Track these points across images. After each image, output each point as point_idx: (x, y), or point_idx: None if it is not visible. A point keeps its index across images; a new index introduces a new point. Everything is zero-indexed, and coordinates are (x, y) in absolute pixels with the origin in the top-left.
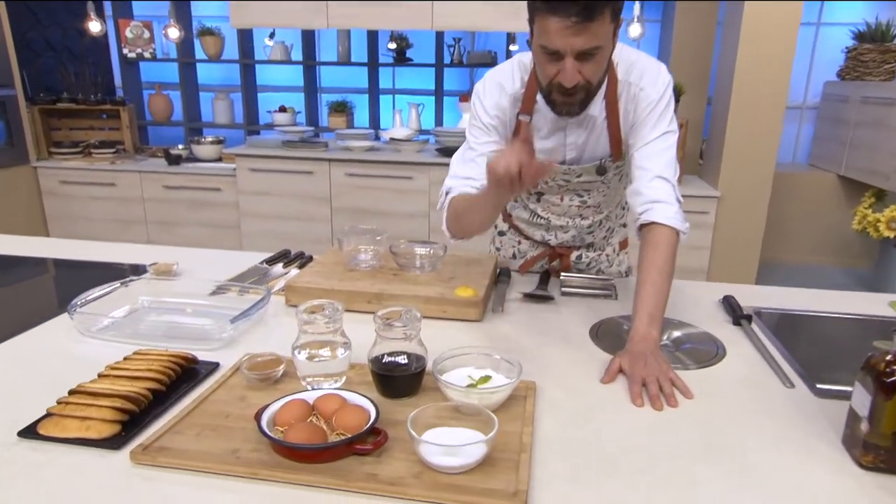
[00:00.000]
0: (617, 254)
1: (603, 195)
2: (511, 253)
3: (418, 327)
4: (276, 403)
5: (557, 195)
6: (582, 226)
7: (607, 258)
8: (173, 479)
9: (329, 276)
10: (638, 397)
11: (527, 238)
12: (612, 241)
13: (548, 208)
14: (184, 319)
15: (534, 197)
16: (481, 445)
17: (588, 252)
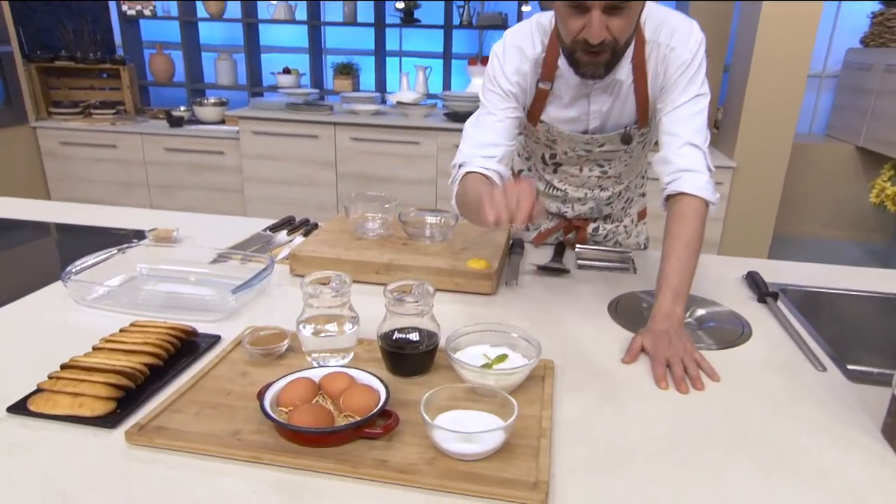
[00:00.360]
0: (635, 224)
1: (625, 165)
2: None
3: (431, 303)
4: (280, 382)
5: (576, 166)
6: (601, 197)
7: (625, 229)
8: (171, 461)
9: (335, 245)
10: (662, 379)
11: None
12: (631, 212)
13: (565, 179)
14: (183, 289)
15: (550, 167)
16: (499, 432)
17: (605, 224)
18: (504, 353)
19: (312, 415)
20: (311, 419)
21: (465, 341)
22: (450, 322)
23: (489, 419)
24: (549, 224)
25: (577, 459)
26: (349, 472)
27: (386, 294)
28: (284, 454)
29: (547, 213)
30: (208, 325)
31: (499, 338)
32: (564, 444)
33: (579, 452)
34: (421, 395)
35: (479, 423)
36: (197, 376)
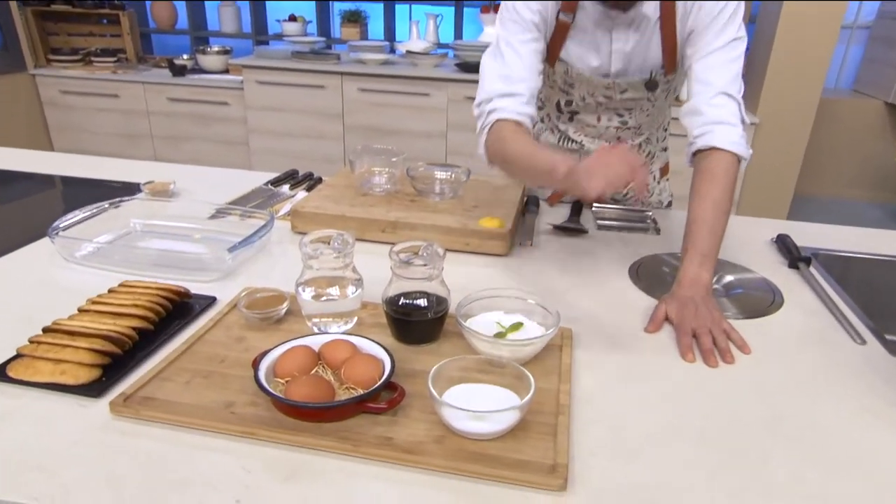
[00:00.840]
0: (657, 182)
1: (646, 115)
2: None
3: (441, 266)
4: (277, 350)
5: (594, 115)
6: None
7: (646, 186)
8: (158, 434)
9: (339, 201)
10: (688, 351)
11: None
12: (653, 168)
13: (581, 129)
14: (178, 246)
15: (566, 116)
16: (514, 411)
17: None
18: (519, 320)
19: (311, 387)
20: (310, 392)
21: (477, 307)
22: (460, 286)
23: (503, 394)
24: None
25: (599, 440)
26: (350, 450)
27: (392, 256)
28: (280, 430)
29: None
30: (203, 286)
31: (513, 304)
32: (584, 422)
33: (601, 432)
34: (429, 364)
35: (491, 398)
36: (189, 341)
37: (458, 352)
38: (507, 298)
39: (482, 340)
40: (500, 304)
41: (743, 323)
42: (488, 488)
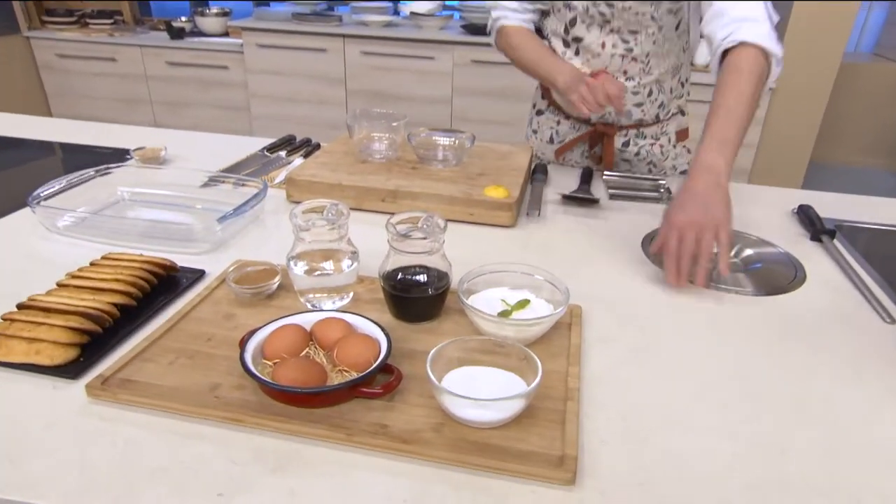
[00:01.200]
0: (674, 145)
1: (653, 42)
2: (548, 135)
3: (442, 239)
4: (266, 329)
5: (598, 39)
6: (626, 88)
7: (661, 149)
8: (137, 420)
9: (336, 168)
10: (671, 272)
11: (567, 117)
12: (668, 130)
13: (587, 62)
14: (167, 216)
15: (572, 48)
16: (519, 399)
17: (638, 139)
18: (525, 297)
19: (300, 371)
20: (299, 376)
21: (480, 283)
22: (463, 259)
23: (507, 379)
24: (573, 134)
25: (611, 427)
26: (342, 440)
27: (389, 228)
28: (268, 416)
29: (572, 121)
30: (192, 258)
31: (520, 279)
32: (595, 407)
33: (612, 418)
34: (429, 344)
35: (495, 383)
36: (174, 319)
37: (459, 330)
38: (513, 273)
39: (485, 320)
40: (505, 279)
41: (763, 300)
42: (490, 481)
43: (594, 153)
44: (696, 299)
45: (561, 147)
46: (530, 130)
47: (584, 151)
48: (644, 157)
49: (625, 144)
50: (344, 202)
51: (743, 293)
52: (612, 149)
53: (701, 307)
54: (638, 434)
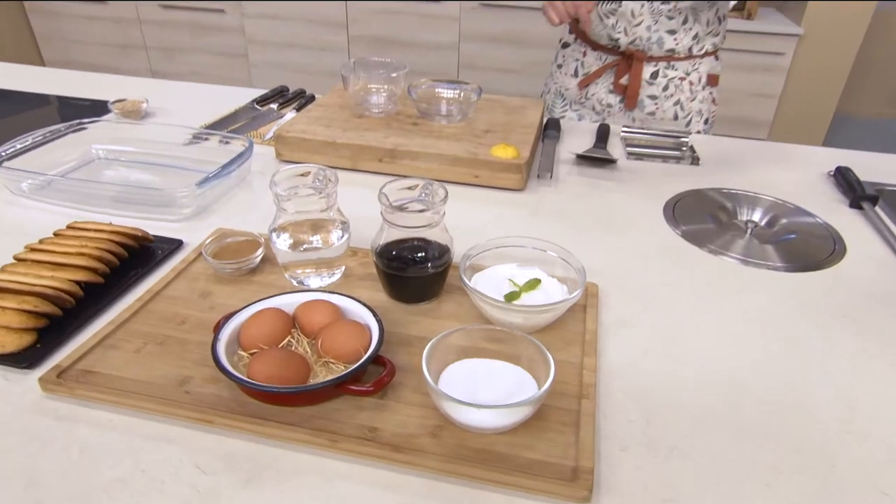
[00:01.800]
0: (703, 87)
1: None
2: (573, 69)
3: (442, 210)
4: (243, 313)
5: None
6: (660, 10)
7: (690, 87)
8: (96, 418)
9: (330, 124)
10: None
11: (593, 48)
12: (700, 69)
13: None
14: (145, 178)
15: None
16: (527, 405)
17: (668, 70)
18: (536, 276)
19: (279, 365)
20: (277, 371)
21: (486, 258)
22: (467, 227)
23: (514, 374)
24: (598, 64)
25: (632, 431)
26: (326, 446)
27: (381, 199)
28: (242, 418)
29: (599, 52)
30: (170, 226)
31: (530, 254)
32: (613, 406)
33: (634, 420)
34: (427, 328)
35: (501, 378)
36: (145, 297)
37: (461, 312)
38: (523, 248)
39: (491, 305)
40: (513, 254)
41: (797, 277)
42: (493, 497)
43: (620, 84)
44: (725, 276)
45: (586, 77)
46: (554, 66)
47: (610, 85)
48: (671, 93)
49: (653, 76)
50: (337, 162)
51: (775, 269)
52: (639, 79)
53: (731, 285)
54: (664, 439)
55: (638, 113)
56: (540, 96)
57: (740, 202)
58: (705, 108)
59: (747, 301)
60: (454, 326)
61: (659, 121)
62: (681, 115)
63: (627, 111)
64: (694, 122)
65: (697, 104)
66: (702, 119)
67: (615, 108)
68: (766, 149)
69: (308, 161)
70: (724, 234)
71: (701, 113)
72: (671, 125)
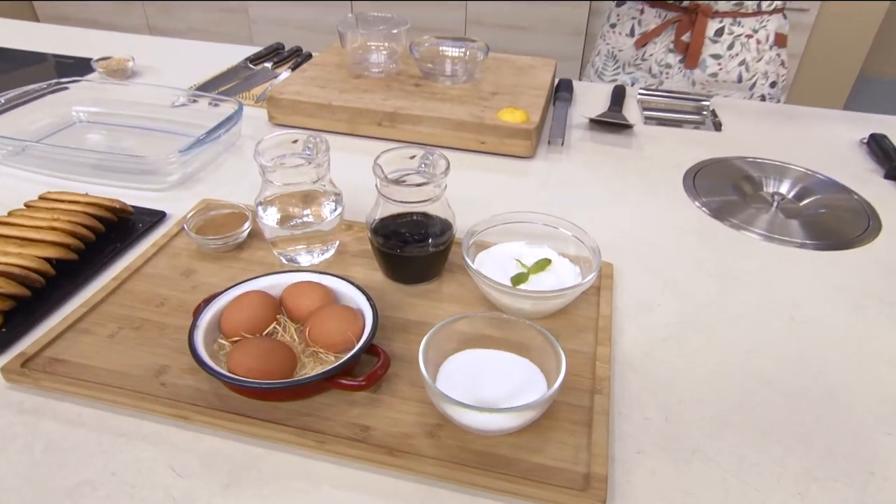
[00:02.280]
0: (770, 46)
1: None
2: (629, 28)
3: (444, 183)
4: (226, 295)
5: None
6: None
7: (757, 46)
8: (63, 412)
9: (326, 85)
10: None
11: (652, 4)
12: (769, 26)
13: None
14: (129, 143)
15: None
16: (534, 407)
17: (734, 27)
18: (546, 256)
19: (262, 355)
20: (259, 364)
21: (491, 235)
22: (472, 198)
23: (521, 367)
24: (657, 21)
25: (649, 430)
26: (312, 448)
27: (376, 171)
28: (221, 414)
29: (658, 8)
30: (153, 196)
31: (540, 230)
32: (628, 401)
33: (652, 418)
34: (426, 312)
35: (506, 372)
36: (122, 276)
37: (464, 293)
38: (532, 224)
39: (496, 290)
40: (521, 230)
41: (828, 256)
42: None
43: (681, 41)
44: (750, 255)
45: (644, 36)
46: (607, 26)
47: (670, 44)
48: (737, 52)
49: (717, 33)
50: (333, 126)
51: (803, 246)
52: (702, 35)
53: (755, 265)
54: (684, 440)
55: (699, 74)
56: (589, 64)
57: (766, 172)
58: (772, 70)
59: (774, 282)
60: (456, 309)
61: (721, 83)
62: (745, 77)
63: (688, 71)
64: (759, 85)
65: (764, 65)
66: (767, 82)
67: (674, 69)
68: (794, 113)
69: (302, 125)
70: (748, 208)
71: (767, 75)
72: (733, 88)
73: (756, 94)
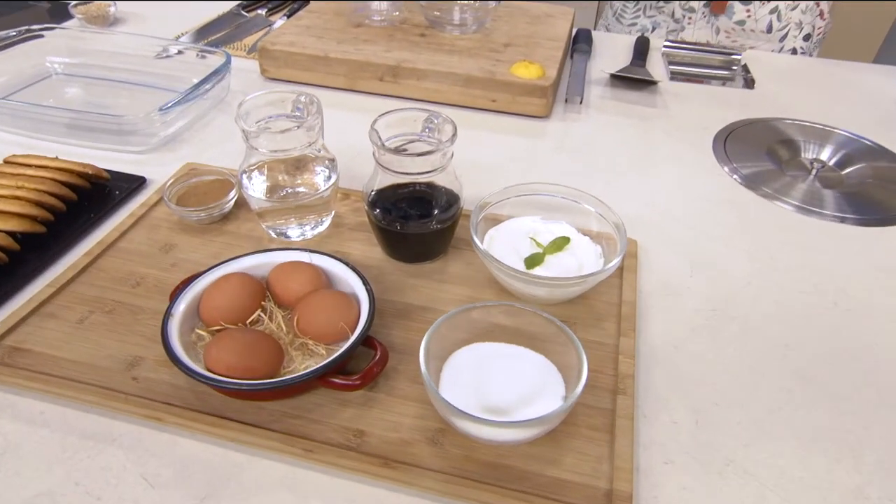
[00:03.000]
0: None
1: None
2: None
3: (451, 152)
4: (207, 276)
5: None
6: None
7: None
8: (24, 410)
9: (323, 35)
10: None
11: None
12: None
13: None
14: (108, 99)
15: None
16: (553, 407)
17: None
18: (563, 234)
19: (244, 350)
20: (242, 359)
21: (503, 207)
22: (480, 166)
23: (535, 363)
24: None
25: (678, 437)
26: (300, 455)
27: (372, 137)
28: (199, 416)
29: None
30: (133, 159)
31: (557, 203)
32: (653, 402)
33: (680, 422)
34: (429, 295)
35: (518, 371)
36: (94, 252)
37: (471, 273)
38: (548, 196)
39: (507, 275)
40: (536, 202)
41: (874, 232)
42: None
43: (716, 4)
44: (787, 229)
45: None
46: None
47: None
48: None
49: None
50: (331, 81)
51: (846, 221)
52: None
53: (792, 241)
54: (717, 449)
55: (724, 21)
56: (608, 5)
57: (806, 136)
58: (807, 21)
59: (814, 262)
60: (462, 292)
61: (747, 32)
62: (776, 27)
63: (713, 16)
64: (790, 37)
65: (798, 14)
66: (800, 34)
67: (697, 14)
68: (834, 69)
69: (297, 79)
70: (784, 176)
71: (801, 26)
72: (761, 39)
73: (786, 48)
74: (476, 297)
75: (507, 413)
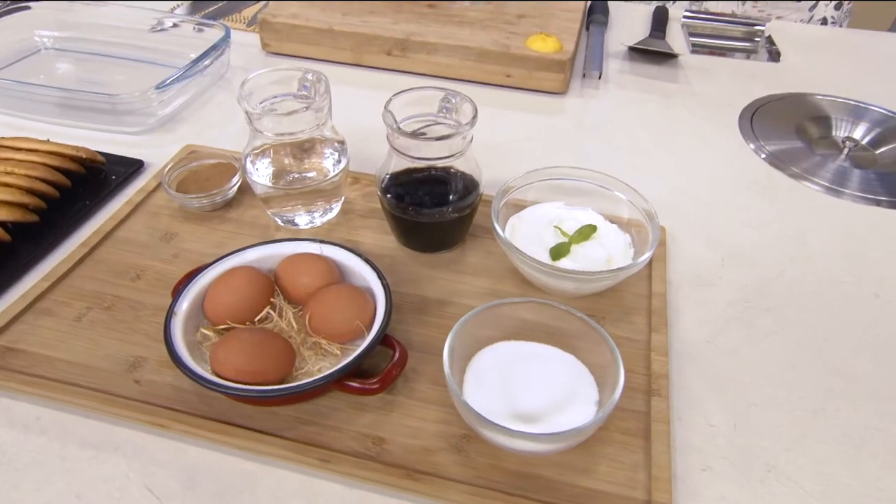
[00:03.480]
0: None
1: None
2: None
3: (470, 135)
4: (209, 272)
5: None
6: None
7: None
8: (19, 415)
9: (326, 6)
10: None
11: None
12: None
13: None
14: (102, 75)
15: None
16: (587, 415)
17: None
18: (590, 222)
19: (253, 352)
20: (251, 362)
21: (524, 193)
22: (495, 146)
23: (564, 364)
24: None
25: (716, 441)
26: (315, 465)
27: (386, 119)
28: (207, 423)
29: None
30: (129, 140)
31: (582, 188)
32: (688, 403)
33: (717, 425)
34: (448, 287)
35: (547, 375)
36: (90, 242)
37: (491, 263)
38: (572, 181)
39: (531, 266)
40: (559, 187)
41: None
42: None
43: None
44: (818, 214)
45: None
46: None
47: None
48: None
49: None
50: (336, 56)
51: (881, 203)
52: None
53: (826, 226)
54: (757, 454)
55: None
56: None
57: (837, 112)
58: None
59: (850, 249)
60: (482, 284)
61: (776, 1)
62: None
63: None
64: (821, 6)
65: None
66: (832, 2)
67: None
68: (864, 40)
69: (300, 54)
70: (813, 155)
71: None
72: (789, 8)
73: (816, 18)
74: (496, 289)
75: (538, 420)
